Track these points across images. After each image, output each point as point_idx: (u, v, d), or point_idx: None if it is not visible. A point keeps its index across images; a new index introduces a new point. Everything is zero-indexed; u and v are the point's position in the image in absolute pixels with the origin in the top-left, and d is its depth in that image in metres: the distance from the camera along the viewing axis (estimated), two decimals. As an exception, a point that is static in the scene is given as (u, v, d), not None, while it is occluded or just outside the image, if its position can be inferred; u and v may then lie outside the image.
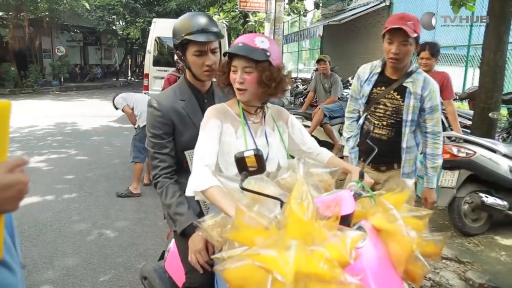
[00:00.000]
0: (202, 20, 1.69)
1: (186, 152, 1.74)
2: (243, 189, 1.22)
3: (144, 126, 4.48)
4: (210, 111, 1.55)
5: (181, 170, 1.76)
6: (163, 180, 1.69)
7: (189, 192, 1.43)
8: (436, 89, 2.33)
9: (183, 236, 1.63)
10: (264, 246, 1.05)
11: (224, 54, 1.54)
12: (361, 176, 1.53)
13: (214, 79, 1.80)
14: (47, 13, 16.91)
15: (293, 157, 1.66)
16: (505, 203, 3.41)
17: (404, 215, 1.37)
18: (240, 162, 1.21)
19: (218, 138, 1.49)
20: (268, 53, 1.44)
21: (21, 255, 0.88)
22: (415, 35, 2.17)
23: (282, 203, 1.32)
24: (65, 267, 3.01)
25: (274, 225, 1.13)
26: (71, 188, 4.82)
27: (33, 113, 10.57)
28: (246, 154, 1.19)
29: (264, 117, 1.62)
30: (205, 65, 1.68)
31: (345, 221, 1.26)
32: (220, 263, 1.12)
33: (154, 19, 9.38)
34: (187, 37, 1.66)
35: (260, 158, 1.20)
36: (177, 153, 1.75)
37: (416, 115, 2.33)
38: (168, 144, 1.71)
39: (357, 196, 1.41)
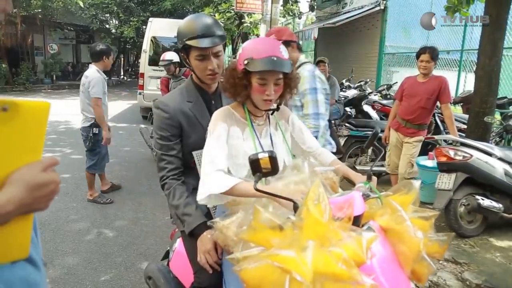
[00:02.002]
0: (204, 24, 1.67)
1: (194, 153, 1.74)
2: (257, 190, 1.24)
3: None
4: (216, 115, 1.55)
5: (188, 171, 1.77)
6: (170, 182, 1.69)
7: (203, 198, 1.41)
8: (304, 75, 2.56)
9: (191, 236, 1.64)
10: (281, 247, 1.06)
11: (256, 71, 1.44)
12: (369, 178, 1.55)
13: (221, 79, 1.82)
14: (39, 10, 16.74)
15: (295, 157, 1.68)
16: (500, 205, 3.49)
17: (410, 215, 1.40)
18: (254, 163, 1.23)
19: (226, 141, 1.50)
20: (291, 62, 1.48)
21: (41, 251, 0.88)
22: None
23: (295, 204, 1.35)
24: (66, 266, 3.00)
25: (290, 226, 1.15)
26: (67, 187, 4.78)
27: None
28: (260, 156, 1.21)
29: (268, 117, 1.65)
30: (208, 69, 1.69)
31: (356, 222, 1.29)
32: (237, 264, 1.14)
33: (150, 19, 9.36)
34: (188, 42, 1.66)
35: (274, 160, 1.22)
36: (184, 154, 1.75)
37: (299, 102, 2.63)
38: (176, 146, 1.72)
39: (365, 197, 1.44)
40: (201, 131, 1.69)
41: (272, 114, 1.64)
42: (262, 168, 1.23)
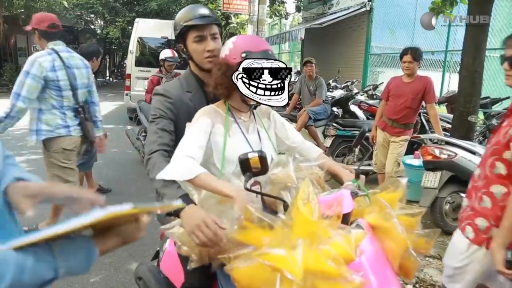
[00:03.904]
0: (200, 9, 1.70)
1: None
2: (247, 189, 1.25)
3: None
4: (200, 112, 1.55)
5: None
6: (158, 157, 1.51)
7: (164, 179, 1.36)
8: None
9: (169, 216, 1.41)
10: (271, 246, 1.08)
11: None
12: (357, 176, 1.56)
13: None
14: (22, 10, 16.43)
15: (282, 154, 1.70)
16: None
17: (398, 213, 1.43)
18: (244, 163, 1.24)
19: (207, 135, 1.48)
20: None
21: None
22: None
23: (285, 203, 1.37)
24: (53, 269, 2.96)
25: (280, 225, 1.17)
26: (54, 190, 4.71)
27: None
28: (250, 155, 1.22)
29: (253, 114, 1.65)
30: (206, 50, 1.67)
31: (344, 219, 1.31)
32: (228, 263, 1.15)
33: (137, 19, 9.30)
34: (186, 23, 1.66)
35: (263, 160, 1.23)
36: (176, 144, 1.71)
37: None
38: (171, 126, 1.64)
39: (353, 195, 1.46)
40: None
41: (255, 108, 1.65)
42: (252, 167, 1.24)
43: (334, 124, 5.44)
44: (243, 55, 1.45)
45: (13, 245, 0.70)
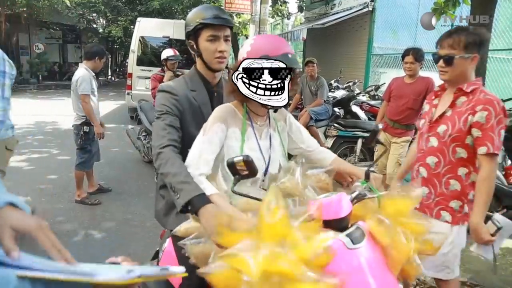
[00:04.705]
0: (217, 10, 1.72)
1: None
2: (234, 192, 1.25)
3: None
4: (216, 113, 1.53)
5: None
6: (170, 152, 1.49)
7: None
8: None
9: (184, 212, 1.39)
10: (238, 248, 1.08)
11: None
12: (367, 177, 1.52)
13: (224, 74, 1.80)
14: (25, 8, 16.46)
15: (291, 156, 1.68)
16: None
17: (407, 220, 1.34)
18: (231, 167, 1.24)
19: (220, 143, 1.49)
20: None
21: None
22: None
23: None
24: (53, 268, 2.96)
25: (253, 228, 1.16)
26: (55, 188, 4.73)
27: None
28: (235, 160, 1.22)
29: (269, 118, 1.64)
30: (218, 51, 1.67)
31: (341, 223, 1.29)
32: (204, 267, 1.14)
33: (139, 18, 9.29)
34: (204, 21, 1.65)
35: (249, 164, 1.22)
36: (183, 144, 1.66)
37: None
38: (177, 122, 1.64)
39: (361, 197, 1.42)
40: (202, 121, 1.61)
41: (276, 111, 1.64)
42: (239, 170, 1.24)
43: (336, 125, 5.43)
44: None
45: (16, 273, 0.70)
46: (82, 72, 4.34)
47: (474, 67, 2.04)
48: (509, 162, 3.97)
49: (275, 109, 1.59)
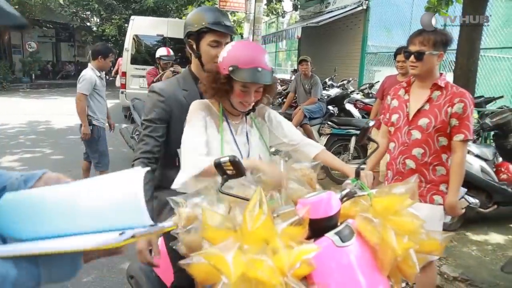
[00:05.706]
0: (224, 16, 1.76)
1: (179, 150, 1.74)
2: (221, 192, 1.26)
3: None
4: (195, 104, 1.58)
5: (170, 165, 1.77)
6: (138, 165, 1.65)
7: (181, 182, 1.44)
8: None
9: None
10: (220, 248, 1.07)
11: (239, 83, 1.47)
12: (357, 175, 1.51)
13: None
14: (17, 6, 16.30)
15: (276, 152, 1.69)
16: (477, 201, 3.59)
17: (399, 219, 1.32)
18: (219, 167, 1.24)
19: (205, 128, 1.53)
20: (273, 70, 1.50)
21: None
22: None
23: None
24: (46, 268, 2.96)
25: (238, 228, 1.15)
26: (47, 188, 4.69)
27: (3, 111, 10.22)
28: (222, 160, 1.22)
29: (245, 115, 1.66)
30: (217, 56, 1.68)
31: (330, 221, 1.29)
32: (185, 260, 1.15)
33: (132, 17, 9.24)
34: (210, 26, 1.68)
35: (236, 164, 1.21)
36: (169, 144, 1.74)
37: None
38: (160, 130, 1.71)
39: (350, 195, 1.42)
40: None
41: (247, 115, 1.66)
42: (227, 171, 1.25)
43: (329, 123, 5.44)
44: (230, 69, 1.44)
45: None
46: (86, 72, 4.38)
47: (439, 63, 2.25)
48: (500, 159, 4.01)
49: (248, 112, 1.62)
